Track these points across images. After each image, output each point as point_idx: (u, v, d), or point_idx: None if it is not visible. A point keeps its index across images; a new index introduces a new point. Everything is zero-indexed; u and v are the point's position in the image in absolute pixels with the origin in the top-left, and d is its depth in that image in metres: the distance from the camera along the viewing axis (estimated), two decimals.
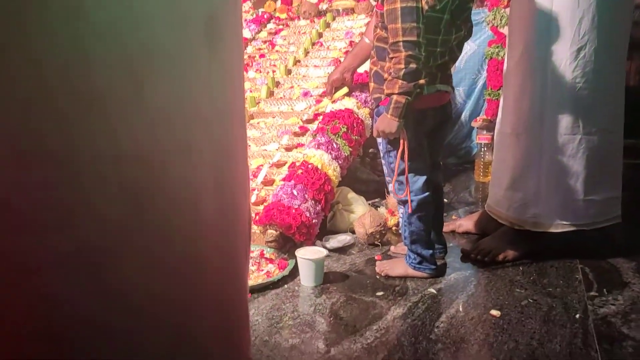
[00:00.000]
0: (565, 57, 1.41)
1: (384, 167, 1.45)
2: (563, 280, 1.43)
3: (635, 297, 1.32)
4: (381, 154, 1.44)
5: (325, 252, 1.48)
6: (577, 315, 1.24)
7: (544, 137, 1.48)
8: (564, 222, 1.50)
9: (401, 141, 1.33)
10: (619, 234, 1.69)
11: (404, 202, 1.42)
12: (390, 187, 1.44)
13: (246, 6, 3.66)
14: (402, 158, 1.34)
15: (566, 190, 1.49)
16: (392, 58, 1.26)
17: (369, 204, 2.04)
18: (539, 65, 1.46)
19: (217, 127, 0.43)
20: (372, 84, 1.40)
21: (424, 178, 1.40)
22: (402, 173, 1.37)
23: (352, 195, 1.96)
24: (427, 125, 1.40)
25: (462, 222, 1.86)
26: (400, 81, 1.24)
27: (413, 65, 1.22)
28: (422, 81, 1.25)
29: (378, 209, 2.01)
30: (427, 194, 1.41)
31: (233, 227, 0.47)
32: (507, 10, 2.69)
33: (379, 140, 1.41)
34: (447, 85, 1.39)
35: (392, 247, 1.71)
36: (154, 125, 0.36)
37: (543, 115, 1.47)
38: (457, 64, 1.80)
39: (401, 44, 1.22)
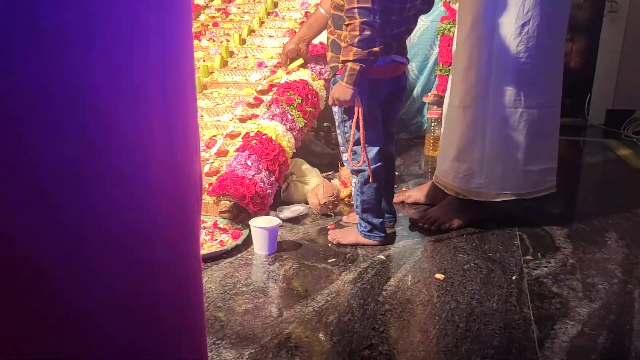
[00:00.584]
0: (510, 32, 1.47)
1: (339, 137, 1.48)
2: (502, 246, 1.53)
3: (565, 259, 1.44)
4: (336, 124, 1.46)
5: (278, 221, 1.50)
6: (514, 277, 1.33)
7: (489, 110, 1.55)
8: (505, 192, 1.60)
9: (355, 109, 1.35)
10: (553, 203, 1.81)
11: (356, 172, 1.46)
12: (345, 156, 1.47)
13: None
14: (357, 127, 1.36)
15: (508, 161, 1.57)
16: (347, 25, 1.27)
17: (323, 176, 2.07)
18: (486, 38, 1.52)
19: (167, 76, 0.43)
20: (329, 53, 1.41)
21: (376, 149, 1.44)
22: (357, 143, 1.40)
23: (306, 166, 1.98)
24: (381, 95, 1.43)
25: (411, 193, 1.93)
26: (355, 48, 1.25)
27: (367, 32, 1.24)
28: (376, 49, 1.27)
29: (331, 180, 2.05)
30: (379, 164, 1.45)
31: (183, 178, 0.48)
32: None
33: (335, 109, 1.43)
34: (402, 57, 1.42)
35: (344, 217, 1.75)
36: (101, 69, 0.37)
37: (489, 89, 1.54)
38: (410, 39, 1.84)
39: (356, 10, 1.24)
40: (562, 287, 1.28)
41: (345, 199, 1.92)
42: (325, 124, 2.86)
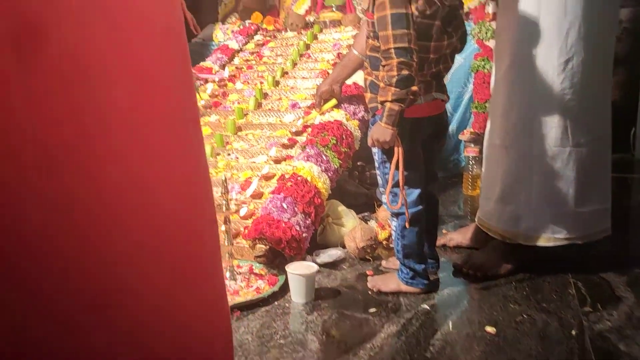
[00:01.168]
0: (553, 69, 1.42)
1: (378, 178, 1.43)
2: (556, 295, 1.42)
3: (629, 312, 1.32)
4: (376, 165, 1.42)
5: (316, 267, 1.45)
6: (573, 332, 1.22)
7: (533, 150, 1.48)
8: (555, 236, 1.50)
9: (396, 150, 1.31)
10: (609, 246, 1.69)
11: (396, 215, 1.40)
12: (384, 198, 1.42)
13: (233, 18, 3.65)
14: (396, 168, 1.32)
15: (557, 203, 1.48)
16: (384, 66, 1.25)
17: (359, 218, 2.01)
18: (526, 76, 1.46)
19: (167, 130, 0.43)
20: (368, 94, 1.39)
21: (417, 191, 1.38)
22: (396, 184, 1.34)
23: (342, 208, 1.93)
24: (423, 134, 1.38)
25: (453, 236, 1.84)
26: (393, 88, 1.22)
27: (405, 72, 1.21)
28: (414, 88, 1.23)
29: (368, 222, 1.99)
30: (420, 207, 1.39)
31: (195, 225, 0.47)
32: (493, 23, 2.73)
33: (374, 150, 1.39)
34: (442, 94, 1.38)
35: (383, 262, 1.68)
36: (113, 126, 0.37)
37: (532, 128, 1.47)
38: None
39: (393, 50, 1.21)
40: (630, 344, 1.16)
41: (384, 242, 1.85)
42: (359, 163, 2.82)
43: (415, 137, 1.36)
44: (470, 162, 2.61)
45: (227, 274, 1.49)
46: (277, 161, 2.03)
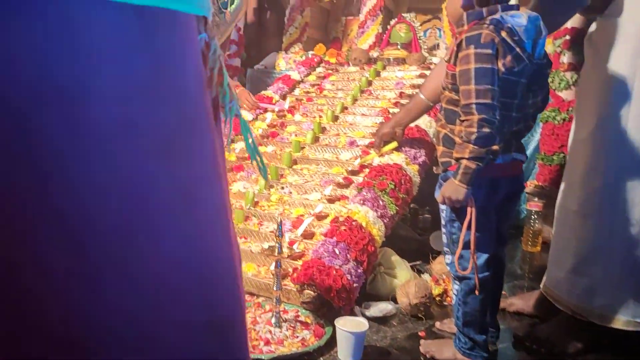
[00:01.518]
0: None
1: (444, 237, 1.34)
2: None
3: None
4: (442, 222, 1.33)
5: (366, 324, 1.36)
6: None
7: (616, 220, 1.35)
8: (637, 320, 1.34)
9: (468, 210, 1.22)
10: None
11: (461, 279, 1.30)
12: (449, 259, 1.33)
13: (296, 47, 3.69)
14: (468, 229, 1.23)
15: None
16: (463, 121, 1.17)
17: (412, 267, 1.91)
18: (615, 140, 1.35)
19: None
20: (440, 147, 1.31)
21: (486, 255, 1.28)
22: (466, 246, 1.25)
23: (395, 258, 1.84)
24: (499, 195, 1.29)
25: (513, 301, 1.71)
26: (471, 146, 1.15)
27: (486, 130, 1.13)
28: (495, 147, 1.15)
29: (422, 275, 1.88)
30: (487, 273, 1.29)
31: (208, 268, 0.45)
32: (567, 74, 2.60)
33: (442, 207, 1.31)
34: (522, 154, 1.29)
35: (437, 323, 1.57)
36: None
37: (618, 197, 1.34)
38: None
39: (474, 106, 1.14)
40: None
41: (437, 299, 1.74)
42: (412, 206, 2.72)
43: (490, 198, 1.27)
44: (533, 217, 2.45)
45: (273, 320, 1.43)
46: (331, 200, 1.98)
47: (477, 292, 1.26)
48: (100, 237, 0.39)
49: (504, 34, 1.15)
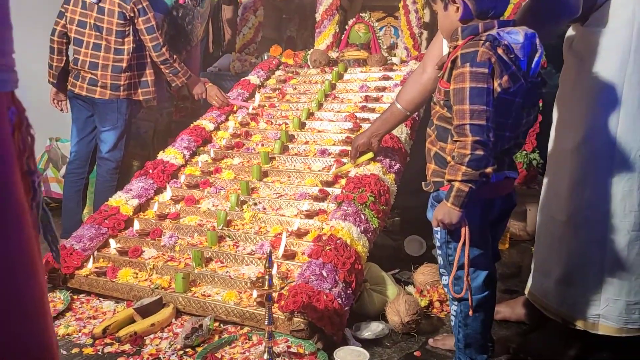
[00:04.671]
0: (636, 149, 1.31)
1: (439, 259, 1.30)
2: None
3: None
4: (437, 244, 1.29)
5: (367, 354, 1.31)
6: None
7: (608, 232, 1.37)
8: (629, 326, 1.38)
9: (462, 231, 1.18)
10: None
11: (458, 300, 1.27)
12: (445, 280, 1.29)
13: (251, 49, 3.56)
14: (462, 250, 1.19)
15: (633, 293, 1.37)
16: (456, 141, 1.13)
17: (390, 275, 1.87)
18: (604, 154, 1.36)
19: None
20: (431, 165, 1.27)
21: (485, 273, 1.26)
22: (461, 267, 1.22)
23: (380, 272, 1.80)
24: (493, 214, 1.26)
25: (499, 309, 1.70)
26: (464, 168, 1.10)
27: (480, 152, 1.10)
28: (489, 169, 1.12)
29: (406, 286, 1.85)
30: (487, 292, 1.26)
31: None
32: None
33: (436, 228, 1.26)
34: (514, 171, 1.27)
35: (430, 341, 1.54)
36: None
37: (607, 209, 1.36)
38: None
39: (468, 127, 1.10)
40: None
41: (423, 310, 1.72)
42: None
43: (486, 218, 1.24)
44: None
45: (266, 356, 1.34)
46: (309, 216, 1.90)
47: (470, 313, 1.23)
48: None
49: (500, 51, 1.11)
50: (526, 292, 1.65)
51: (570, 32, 1.52)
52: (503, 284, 2.02)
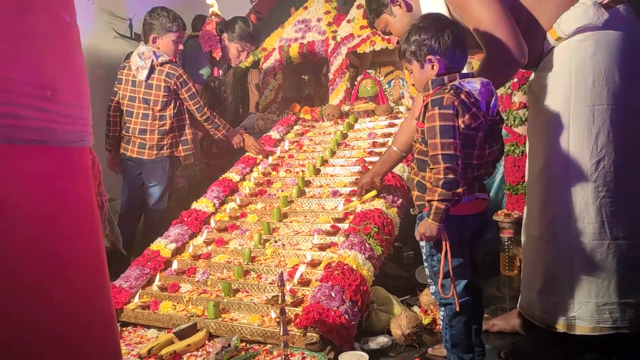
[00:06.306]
0: (587, 169, 1.54)
1: (426, 270, 1.53)
2: None
3: None
4: (424, 257, 1.53)
5: (366, 356, 1.53)
6: None
7: (573, 244, 1.56)
8: (601, 325, 1.54)
9: (443, 243, 1.42)
10: None
11: (444, 305, 1.49)
12: (433, 288, 1.51)
13: (272, 108, 3.96)
14: (445, 259, 1.42)
15: (601, 294, 1.54)
16: (432, 169, 1.39)
17: (402, 302, 2.08)
18: (561, 175, 1.58)
19: None
20: (415, 192, 1.53)
21: (464, 282, 1.48)
22: (446, 275, 1.44)
23: (386, 294, 2.02)
24: (469, 229, 1.50)
25: (495, 322, 1.89)
26: (439, 189, 1.36)
27: (451, 176, 1.35)
28: (459, 190, 1.37)
29: (412, 307, 2.06)
30: (467, 297, 1.47)
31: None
32: (519, 112, 2.90)
33: (422, 244, 1.50)
34: (484, 194, 1.51)
35: (429, 350, 1.74)
36: None
37: (569, 223, 1.57)
38: None
39: (440, 156, 1.36)
40: None
41: (427, 327, 1.91)
42: (396, 244, 2.92)
43: (461, 233, 1.48)
44: (507, 243, 2.67)
45: None
46: (322, 248, 2.16)
47: (457, 309, 1.44)
48: None
49: (462, 96, 1.39)
50: (518, 305, 1.83)
51: (531, 76, 1.80)
52: (511, 305, 2.18)
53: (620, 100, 1.52)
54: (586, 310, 1.55)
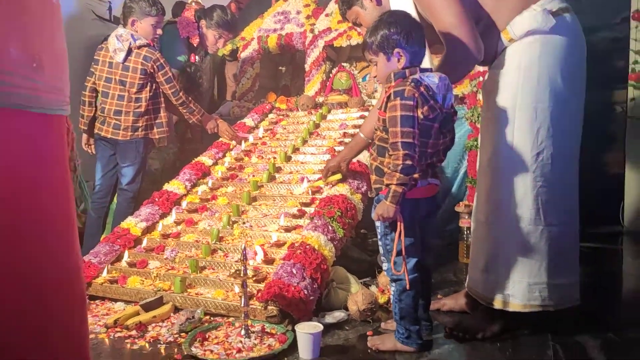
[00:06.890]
0: (528, 160, 1.67)
1: (380, 248, 1.65)
2: (536, 355, 1.59)
3: None
4: (379, 236, 1.64)
5: (321, 326, 1.63)
6: None
7: (512, 227, 1.70)
8: (531, 303, 1.69)
9: (398, 224, 1.53)
10: (586, 312, 1.86)
11: (395, 280, 1.61)
12: (386, 266, 1.63)
13: (249, 96, 4.03)
14: (399, 240, 1.54)
15: (532, 275, 1.68)
16: (391, 155, 1.50)
17: (361, 283, 2.20)
18: (506, 165, 1.72)
19: None
20: (373, 177, 1.64)
21: (415, 260, 1.60)
22: (399, 253, 1.56)
23: (345, 274, 2.13)
24: (421, 212, 1.62)
25: (446, 301, 2.02)
26: (398, 174, 1.47)
27: (408, 162, 1.47)
28: (416, 175, 1.49)
29: (370, 287, 2.18)
30: (416, 274, 1.60)
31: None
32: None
33: (377, 224, 1.62)
34: (436, 179, 1.63)
35: (382, 324, 1.86)
36: None
37: (509, 209, 1.70)
38: None
39: (399, 144, 1.47)
40: None
41: (383, 305, 2.03)
42: (362, 231, 3.05)
43: (414, 214, 1.60)
44: (465, 232, 2.82)
45: (243, 332, 1.68)
46: (288, 230, 2.26)
47: (408, 288, 1.56)
48: None
49: (422, 89, 1.50)
50: (465, 285, 1.97)
51: (486, 76, 1.93)
52: (463, 289, 2.31)
53: (560, 100, 1.67)
54: (519, 289, 1.69)
